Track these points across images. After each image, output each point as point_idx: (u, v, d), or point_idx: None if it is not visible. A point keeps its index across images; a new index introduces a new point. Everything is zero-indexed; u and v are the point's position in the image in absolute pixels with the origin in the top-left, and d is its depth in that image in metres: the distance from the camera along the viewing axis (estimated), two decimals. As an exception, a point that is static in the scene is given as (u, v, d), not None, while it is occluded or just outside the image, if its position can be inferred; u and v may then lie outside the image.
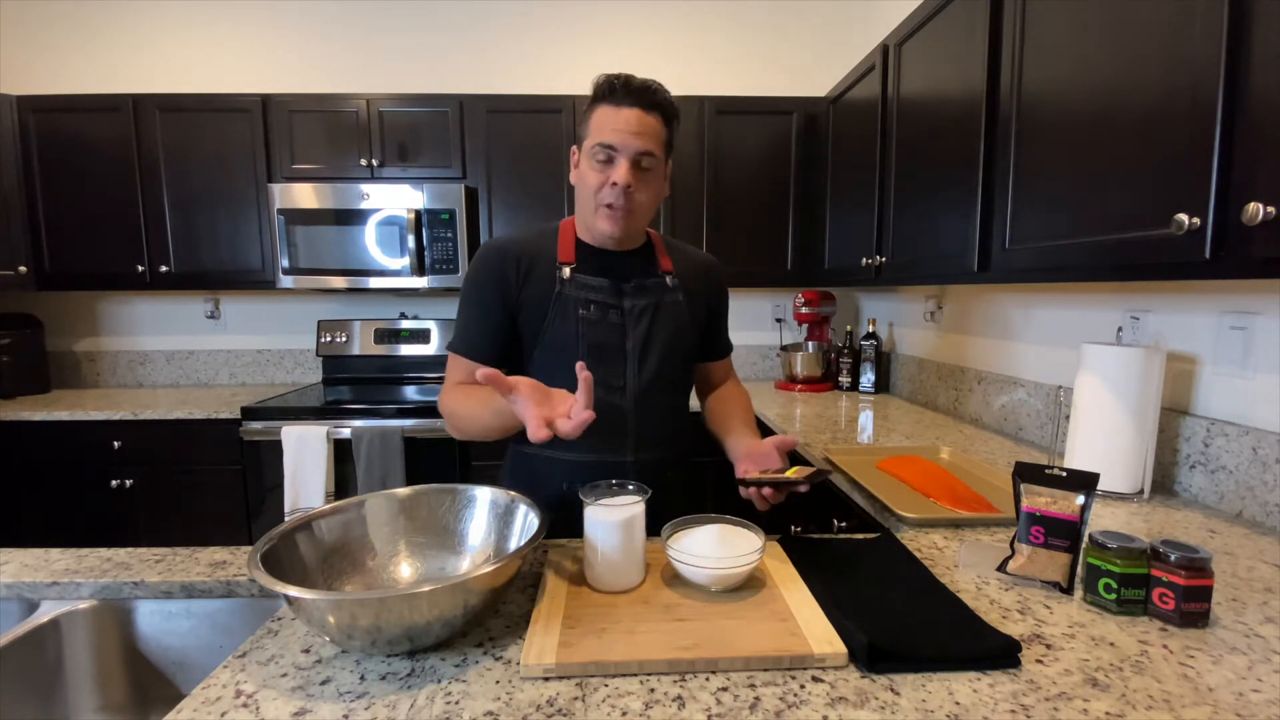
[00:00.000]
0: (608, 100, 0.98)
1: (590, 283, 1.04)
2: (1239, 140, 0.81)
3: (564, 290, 1.03)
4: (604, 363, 1.02)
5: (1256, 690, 0.61)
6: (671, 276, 1.10)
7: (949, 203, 1.51)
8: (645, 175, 0.99)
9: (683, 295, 1.10)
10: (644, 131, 0.96)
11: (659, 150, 0.99)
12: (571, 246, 1.06)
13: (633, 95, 0.97)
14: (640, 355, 1.05)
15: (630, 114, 0.96)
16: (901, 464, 1.37)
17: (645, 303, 1.06)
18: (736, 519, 0.86)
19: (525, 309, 1.04)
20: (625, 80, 0.97)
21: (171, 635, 0.91)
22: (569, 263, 1.05)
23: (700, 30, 2.78)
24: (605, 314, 1.03)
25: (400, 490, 0.89)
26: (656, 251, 1.12)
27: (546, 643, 0.67)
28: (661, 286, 1.09)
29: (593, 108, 1.00)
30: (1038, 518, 0.82)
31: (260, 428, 2.20)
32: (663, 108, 0.99)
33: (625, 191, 0.97)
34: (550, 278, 1.04)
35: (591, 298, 1.03)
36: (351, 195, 2.38)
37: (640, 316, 1.06)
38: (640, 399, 1.04)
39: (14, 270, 2.40)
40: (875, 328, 2.52)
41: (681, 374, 1.12)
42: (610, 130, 0.96)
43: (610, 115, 0.97)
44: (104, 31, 2.68)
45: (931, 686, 0.62)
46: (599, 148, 0.97)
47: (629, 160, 0.96)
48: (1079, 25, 1.09)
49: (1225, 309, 1.18)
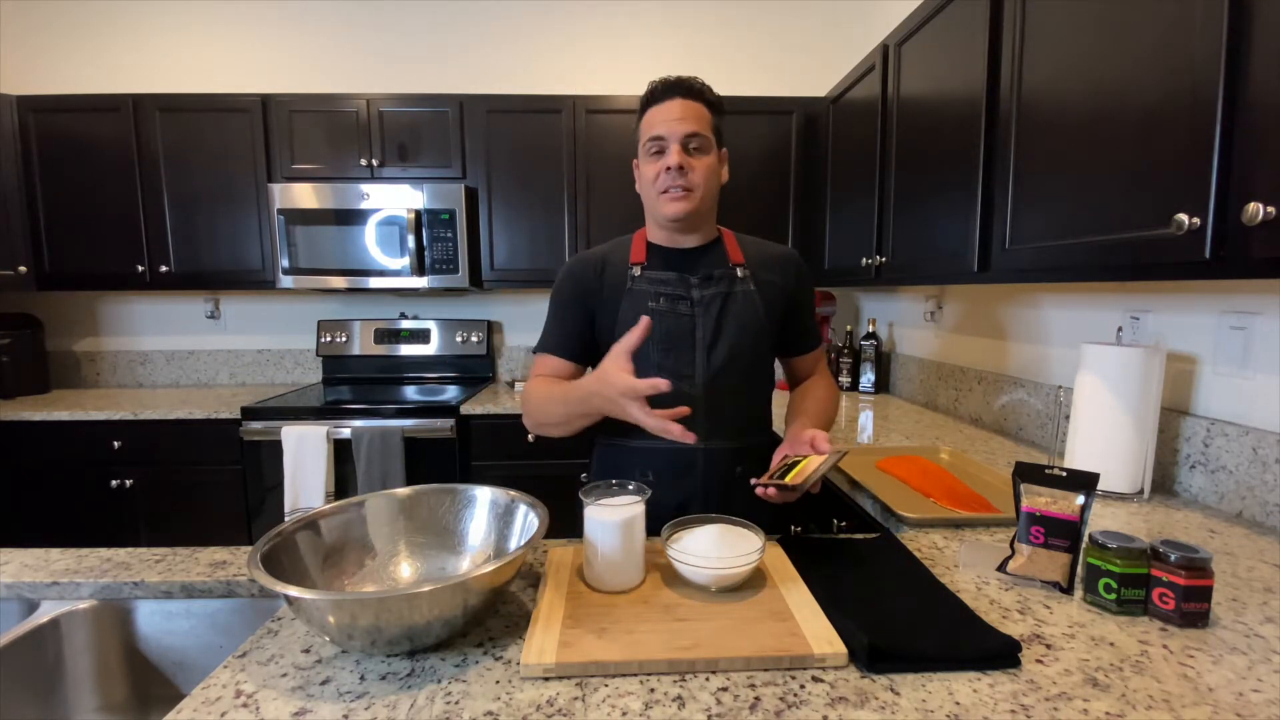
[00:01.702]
0: (652, 102, 1.06)
1: (659, 276, 1.09)
2: (1239, 140, 0.81)
3: (634, 286, 1.09)
4: (674, 351, 1.07)
5: (1256, 690, 0.61)
6: (743, 268, 1.12)
7: (949, 203, 1.51)
8: (696, 155, 1.05)
9: (754, 286, 1.11)
10: (687, 116, 1.03)
11: (706, 131, 1.05)
12: (643, 249, 1.13)
13: (672, 89, 1.05)
14: (710, 344, 1.07)
15: (672, 104, 1.04)
16: (901, 464, 1.37)
17: (714, 292, 1.09)
18: (736, 519, 0.86)
19: (602, 309, 1.10)
20: (664, 80, 1.05)
21: (171, 635, 0.91)
22: (639, 262, 1.11)
23: (700, 30, 2.78)
24: (675, 305, 1.08)
25: (400, 490, 0.89)
26: (727, 245, 1.14)
27: (546, 643, 0.67)
28: (731, 277, 1.10)
29: (641, 115, 1.08)
30: (1038, 518, 0.82)
31: (260, 428, 2.20)
32: (703, 94, 1.06)
33: (679, 171, 1.03)
34: (623, 278, 1.10)
35: (661, 290, 1.08)
36: (351, 195, 2.38)
37: (709, 306, 1.08)
38: (709, 387, 1.07)
39: (14, 270, 2.40)
40: (875, 328, 2.52)
41: (754, 363, 1.12)
42: (658, 124, 1.04)
43: (655, 113, 1.05)
44: (104, 31, 2.68)
45: (931, 686, 0.62)
46: (650, 142, 1.05)
47: (678, 144, 1.03)
48: (1079, 25, 1.09)
49: (1225, 309, 1.18)
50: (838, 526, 1.40)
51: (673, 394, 0.99)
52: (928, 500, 1.17)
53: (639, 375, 0.89)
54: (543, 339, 1.14)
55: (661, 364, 1.06)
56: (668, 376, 0.96)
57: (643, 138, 1.07)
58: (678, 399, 1.02)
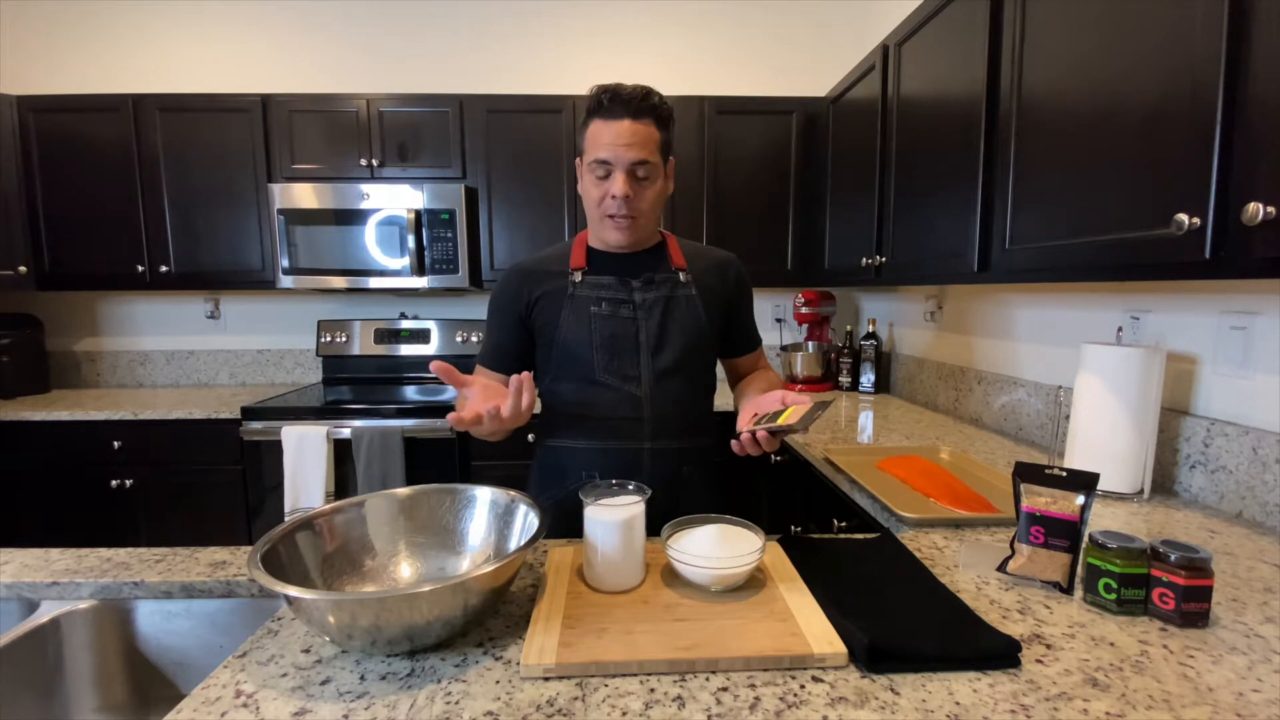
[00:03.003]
0: (599, 114, 1.01)
1: (601, 281, 1.09)
2: (1239, 140, 0.81)
3: (575, 291, 1.08)
4: (618, 355, 1.07)
5: (1256, 690, 0.61)
6: (684, 273, 1.12)
7: (949, 203, 1.51)
8: (643, 183, 1.02)
9: (696, 290, 1.11)
10: (635, 142, 0.99)
11: (654, 156, 1.02)
12: (583, 254, 1.12)
13: (621, 105, 0.99)
14: (654, 346, 1.07)
15: (620, 126, 0.99)
16: (901, 464, 1.37)
17: (656, 295, 1.09)
18: (736, 519, 0.86)
19: (540, 316, 1.10)
20: (614, 92, 0.99)
21: (171, 635, 0.91)
22: (580, 268, 1.10)
23: (700, 30, 2.78)
24: (617, 309, 1.07)
25: (400, 490, 0.89)
26: (669, 250, 1.14)
27: (546, 643, 0.67)
28: (673, 281, 1.10)
29: (587, 122, 1.03)
30: (1038, 518, 0.82)
31: (260, 428, 2.20)
32: (654, 112, 1.01)
33: (625, 201, 1.01)
34: (563, 284, 1.09)
35: (603, 295, 1.08)
36: (351, 195, 2.38)
37: (652, 309, 1.08)
38: (655, 388, 1.07)
39: (14, 270, 2.40)
40: (875, 328, 2.52)
41: (699, 367, 1.13)
42: (604, 145, 1.00)
43: (602, 129, 1.00)
44: (104, 31, 2.68)
45: (931, 686, 0.62)
46: (595, 163, 1.01)
47: (624, 172, 1.00)
48: (1079, 25, 1.09)
49: (1225, 309, 1.18)
50: (838, 526, 1.40)
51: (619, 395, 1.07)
52: (928, 500, 1.17)
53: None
54: (482, 350, 1.16)
55: (606, 367, 1.06)
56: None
57: (588, 152, 1.02)
58: (625, 400, 1.07)
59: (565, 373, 1.09)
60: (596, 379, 1.06)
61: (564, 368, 1.09)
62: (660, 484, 1.07)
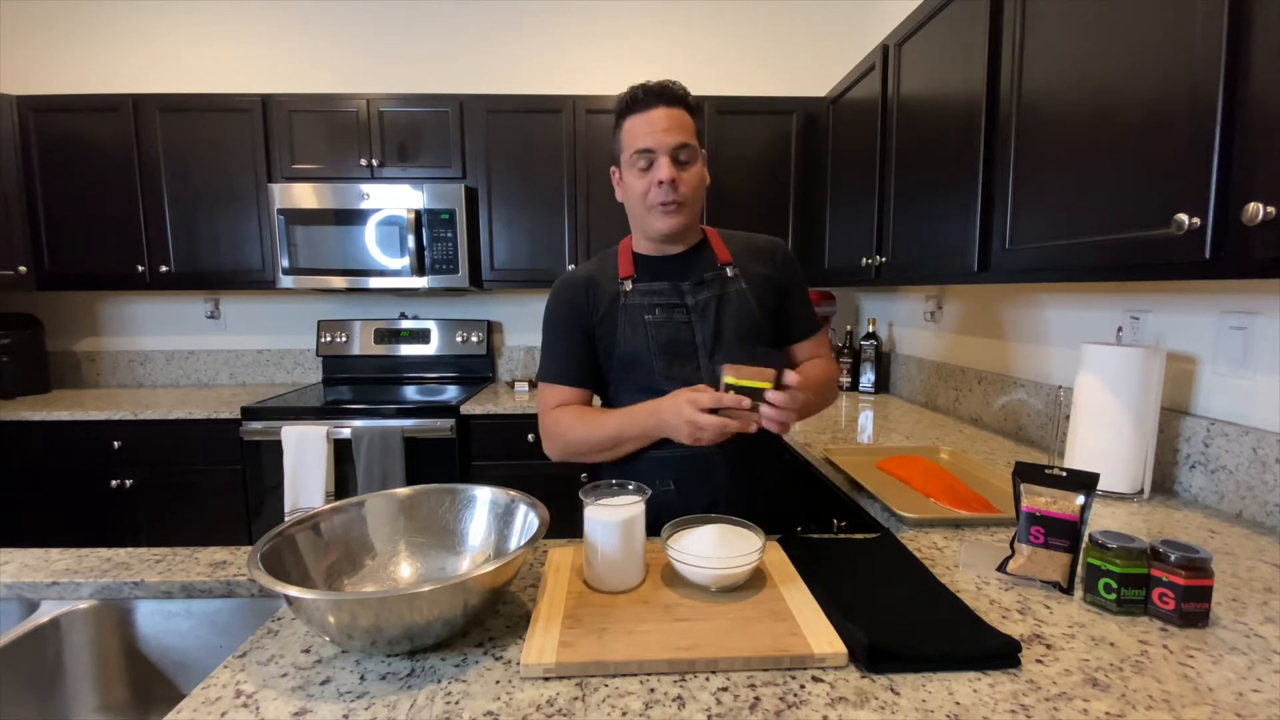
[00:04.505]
0: (633, 110, 1.03)
1: (651, 288, 1.09)
2: (1239, 140, 0.81)
3: (627, 301, 1.08)
4: (677, 360, 1.06)
5: (1256, 690, 0.61)
6: (731, 266, 1.11)
7: (949, 203, 1.51)
8: (685, 167, 1.04)
9: (745, 282, 1.11)
10: (674, 126, 1.01)
11: (692, 139, 1.04)
12: (629, 261, 1.12)
13: (654, 96, 1.02)
14: (711, 347, 1.07)
15: (656, 114, 1.01)
16: (901, 464, 1.37)
17: (708, 295, 1.09)
18: (736, 519, 0.86)
19: (600, 328, 1.09)
20: (644, 86, 1.02)
21: (171, 635, 0.91)
22: (628, 276, 1.10)
23: (700, 30, 2.78)
24: (671, 314, 1.07)
25: (400, 490, 0.89)
26: (712, 245, 1.14)
27: (546, 643, 0.67)
28: (722, 278, 1.10)
29: (621, 123, 1.05)
30: (1038, 518, 0.82)
31: (260, 428, 2.20)
32: (685, 99, 1.04)
33: (672, 186, 1.02)
34: (614, 294, 1.09)
35: (655, 301, 1.08)
36: (351, 195, 2.38)
37: (705, 310, 1.08)
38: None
39: (14, 270, 2.40)
40: (875, 328, 2.52)
41: None
42: (643, 135, 1.01)
43: (639, 121, 1.02)
44: (104, 31, 2.68)
45: (931, 686, 0.62)
46: (637, 155, 1.02)
47: (668, 156, 1.01)
48: (1079, 25, 1.09)
49: (1225, 309, 1.18)
50: (838, 526, 1.40)
51: None
52: (928, 500, 1.17)
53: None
54: (546, 366, 1.12)
55: (666, 374, 1.05)
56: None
57: (626, 149, 1.04)
58: None
59: (628, 383, 1.08)
60: (659, 386, 1.04)
61: (626, 377, 1.08)
62: (736, 486, 1.08)
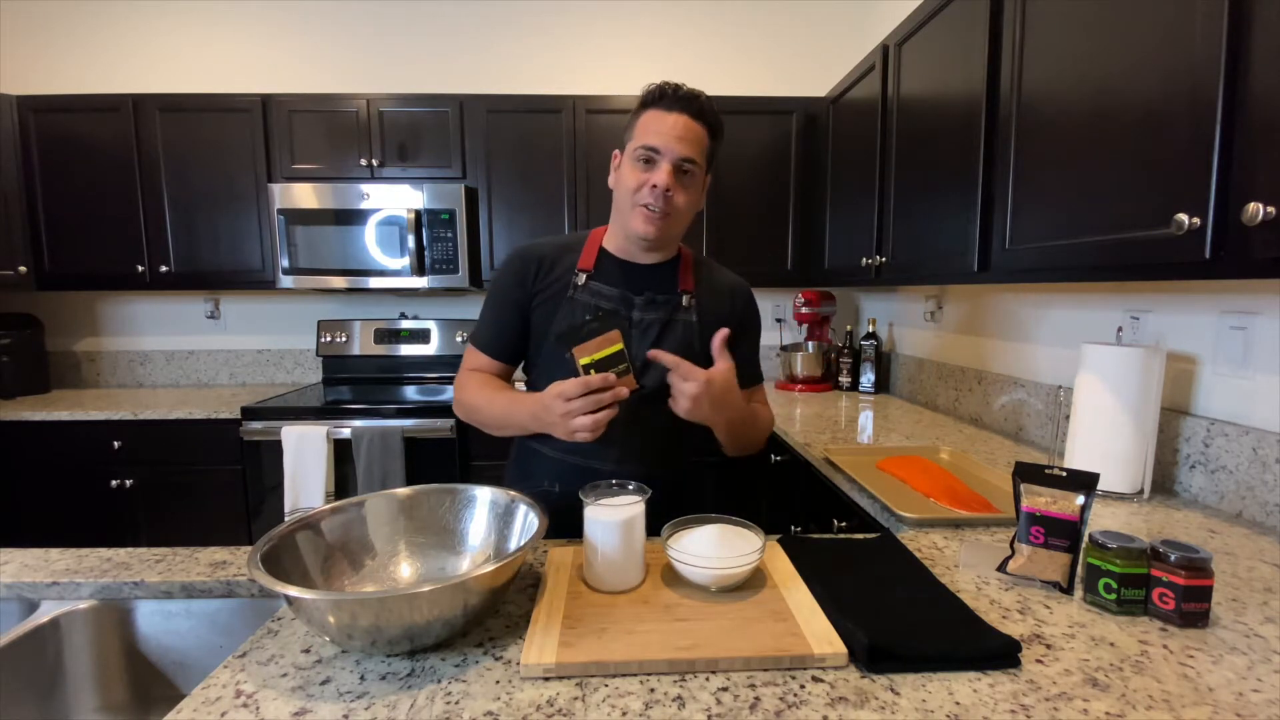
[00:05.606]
0: (656, 105, 1.00)
1: (602, 290, 1.06)
2: (1239, 140, 0.81)
3: (575, 295, 1.05)
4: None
5: (1256, 690, 0.61)
6: (689, 296, 1.08)
7: (949, 202, 1.51)
8: (685, 181, 1.01)
9: (696, 316, 1.08)
10: (688, 138, 0.98)
11: (701, 159, 1.01)
12: (594, 255, 1.09)
13: (681, 102, 0.99)
14: (639, 370, 1.00)
15: (677, 119, 0.98)
16: (901, 464, 1.37)
17: (655, 317, 1.06)
18: (736, 519, 0.86)
19: (539, 308, 1.07)
20: (675, 87, 1.00)
21: (171, 635, 0.91)
22: (586, 270, 1.07)
23: (700, 30, 2.78)
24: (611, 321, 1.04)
25: (400, 490, 0.89)
26: (681, 268, 1.11)
27: (546, 643, 0.67)
28: (675, 304, 1.08)
29: (640, 112, 1.02)
30: (1038, 518, 0.82)
31: (260, 428, 2.20)
32: (709, 118, 1.01)
33: (664, 195, 0.98)
34: (567, 281, 1.06)
35: (600, 304, 1.05)
36: (351, 195, 2.38)
37: (647, 330, 1.05)
38: (631, 413, 0.98)
39: (14, 270, 2.40)
40: (875, 328, 2.52)
41: None
42: (655, 133, 0.98)
43: (657, 119, 0.99)
44: (104, 31, 2.68)
45: (931, 686, 0.62)
46: (642, 149, 0.99)
47: (671, 164, 0.98)
48: (1079, 25, 1.09)
49: (1225, 309, 1.18)
50: (838, 526, 1.40)
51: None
52: (928, 500, 1.17)
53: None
54: (477, 329, 1.12)
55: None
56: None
57: (635, 138, 1.01)
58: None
59: (549, 374, 1.02)
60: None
61: (551, 364, 1.06)
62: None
